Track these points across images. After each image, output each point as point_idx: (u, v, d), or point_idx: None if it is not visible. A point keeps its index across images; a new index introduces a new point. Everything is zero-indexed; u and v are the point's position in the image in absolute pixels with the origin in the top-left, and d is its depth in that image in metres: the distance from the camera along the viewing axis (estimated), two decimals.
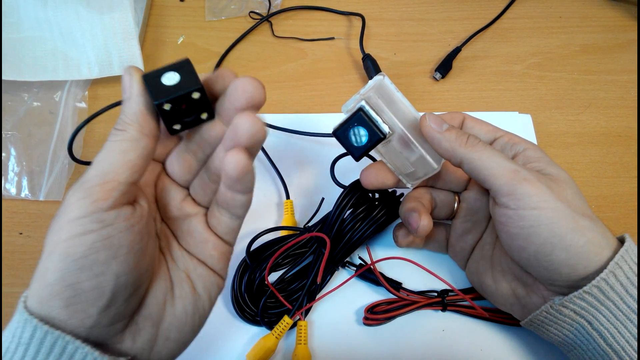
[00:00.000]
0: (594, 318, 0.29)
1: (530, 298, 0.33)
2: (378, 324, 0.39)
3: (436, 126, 0.32)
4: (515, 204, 0.29)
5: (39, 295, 0.24)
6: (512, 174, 0.30)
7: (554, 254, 0.29)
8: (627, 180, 0.48)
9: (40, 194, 0.46)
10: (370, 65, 0.53)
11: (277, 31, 0.58)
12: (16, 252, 0.44)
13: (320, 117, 0.51)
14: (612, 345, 0.29)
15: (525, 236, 0.30)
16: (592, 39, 0.57)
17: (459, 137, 0.32)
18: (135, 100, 0.25)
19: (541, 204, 0.29)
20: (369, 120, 0.32)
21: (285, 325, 0.38)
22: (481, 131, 0.35)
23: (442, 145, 0.32)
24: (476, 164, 0.31)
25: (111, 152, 0.25)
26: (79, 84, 0.52)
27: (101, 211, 0.23)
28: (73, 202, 0.24)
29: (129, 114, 0.25)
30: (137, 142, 0.25)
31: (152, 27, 0.59)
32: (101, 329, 0.24)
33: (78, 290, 0.23)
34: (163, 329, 0.27)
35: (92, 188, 0.24)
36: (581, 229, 0.29)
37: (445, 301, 0.39)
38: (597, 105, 0.52)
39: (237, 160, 0.24)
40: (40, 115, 0.50)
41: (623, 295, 0.29)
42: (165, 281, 0.28)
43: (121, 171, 0.24)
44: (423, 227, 0.34)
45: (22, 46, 0.51)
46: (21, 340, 0.23)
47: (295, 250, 0.41)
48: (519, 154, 0.33)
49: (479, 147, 0.31)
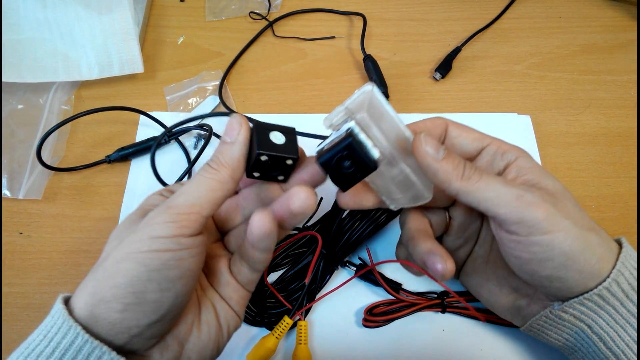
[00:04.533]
0: (593, 322, 0.29)
1: (531, 308, 0.33)
2: (377, 326, 0.39)
3: (433, 153, 0.28)
4: (526, 231, 0.28)
5: (100, 294, 0.25)
6: (516, 201, 0.28)
7: (568, 275, 0.28)
8: (627, 180, 0.48)
9: (19, 193, 0.46)
10: (371, 66, 0.53)
11: (277, 31, 0.58)
12: (16, 252, 0.44)
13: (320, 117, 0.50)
14: (612, 349, 0.29)
15: (538, 261, 0.28)
16: (592, 39, 0.57)
17: (455, 168, 0.29)
18: (237, 148, 0.28)
19: (552, 227, 0.27)
20: (359, 149, 0.27)
21: (285, 325, 0.38)
22: (467, 140, 0.32)
23: (438, 177, 0.29)
24: (475, 195, 0.29)
25: (201, 187, 0.27)
26: (65, 87, 0.52)
27: (183, 236, 0.26)
28: (159, 223, 0.26)
29: (227, 157, 0.28)
30: (225, 185, 0.27)
31: (152, 27, 0.59)
32: (141, 340, 0.26)
33: (141, 299, 0.25)
34: (187, 349, 0.29)
35: (179, 215, 0.26)
36: (592, 246, 0.28)
37: (445, 303, 0.39)
38: (597, 105, 0.52)
39: (263, 222, 0.27)
40: (24, 116, 0.50)
41: (623, 300, 0.28)
42: (195, 306, 0.30)
43: (206, 206, 0.27)
44: (450, 273, 0.31)
45: (22, 47, 0.51)
46: (60, 346, 0.25)
47: (295, 250, 0.41)
48: (510, 164, 0.31)
49: (476, 178, 0.29)
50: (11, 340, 0.40)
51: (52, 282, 0.42)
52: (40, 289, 0.42)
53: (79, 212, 0.46)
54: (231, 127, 0.28)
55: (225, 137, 0.28)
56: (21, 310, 0.41)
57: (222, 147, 0.28)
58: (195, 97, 0.53)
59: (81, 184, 0.47)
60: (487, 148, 0.32)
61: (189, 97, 0.53)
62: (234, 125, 0.28)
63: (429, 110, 0.52)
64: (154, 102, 0.53)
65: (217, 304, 0.30)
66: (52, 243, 0.44)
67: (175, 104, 0.52)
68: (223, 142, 0.28)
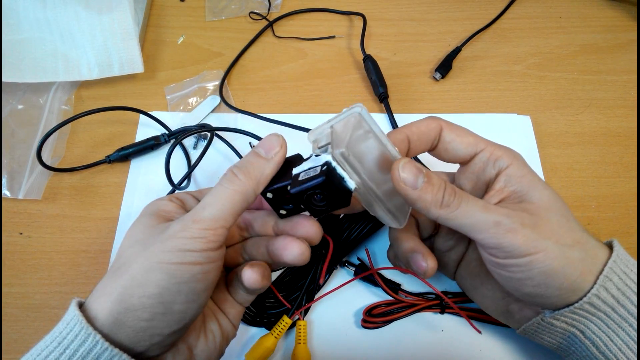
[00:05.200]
0: (585, 327, 0.29)
1: (524, 313, 0.33)
2: (376, 327, 0.39)
3: (411, 182, 0.28)
4: (504, 255, 0.28)
5: (127, 302, 0.26)
6: (494, 228, 0.28)
7: (548, 292, 0.29)
8: (627, 180, 0.47)
9: (19, 193, 0.46)
10: (371, 66, 0.53)
11: (277, 31, 0.58)
12: (16, 252, 0.44)
13: (320, 118, 0.51)
14: (604, 353, 0.29)
15: (517, 280, 0.29)
16: (592, 39, 0.57)
17: (434, 197, 0.28)
18: (271, 166, 0.28)
19: (530, 250, 0.28)
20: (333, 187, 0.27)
21: (284, 325, 0.38)
22: (461, 145, 0.32)
23: (417, 205, 0.29)
24: (454, 222, 0.29)
25: (226, 199, 0.27)
26: (65, 87, 0.52)
27: (210, 250, 0.27)
28: (187, 237, 0.26)
29: (257, 171, 0.28)
30: (248, 197, 0.28)
31: (152, 27, 0.59)
32: (159, 347, 0.27)
33: (168, 310, 0.26)
34: (195, 353, 0.30)
35: (207, 231, 0.26)
36: (573, 263, 0.28)
37: (444, 303, 0.39)
38: (597, 105, 0.52)
39: (255, 279, 0.29)
40: (24, 116, 0.50)
41: (615, 306, 0.28)
42: (201, 314, 0.31)
43: (230, 219, 0.27)
44: (432, 270, 0.32)
45: (22, 47, 0.51)
46: (77, 354, 0.25)
47: None
48: (501, 171, 0.31)
49: (454, 206, 0.28)
50: (11, 340, 0.40)
51: (52, 282, 0.42)
52: (40, 289, 0.42)
53: (79, 212, 0.46)
54: (270, 143, 0.29)
55: (261, 150, 0.29)
56: (21, 311, 0.41)
57: (255, 160, 0.28)
58: (196, 97, 0.53)
59: (81, 184, 0.47)
60: (480, 154, 0.32)
61: (189, 96, 0.53)
62: (273, 143, 0.28)
63: (428, 110, 0.52)
64: (154, 102, 0.53)
65: (218, 316, 0.32)
66: (52, 243, 0.44)
67: (176, 104, 0.52)
68: (257, 155, 0.28)
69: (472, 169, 0.32)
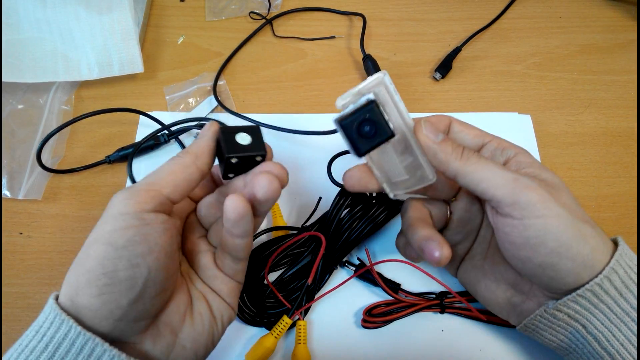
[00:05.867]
0: (588, 322, 0.29)
1: (527, 305, 0.33)
2: (376, 327, 0.39)
3: (432, 135, 0.30)
4: (520, 214, 0.28)
5: (76, 283, 0.26)
6: (512, 182, 0.29)
7: (561, 263, 0.28)
8: (627, 180, 0.47)
9: (19, 193, 0.46)
10: (371, 65, 0.53)
11: (277, 31, 0.58)
12: (16, 252, 0.44)
13: (320, 117, 0.51)
14: (606, 349, 0.29)
15: (531, 246, 0.29)
16: (592, 39, 0.57)
17: (454, 149, 0.30)
18: (203, 140, 0.30)
19: (545, 211, 0.28)
20: (379, 115, 0.29)
21: (284, 325, 0.38)
22: (469, 135, 0.34)
23: (438, 157, 0.30)
24: (473, 176, 0.29)
25: (163, 169, 0.29)
26: (65, 87, 0.52)
27: (143, 211, 0.27)
28: (120, 201, 0.27)
29: (192, 147, 0.30)
30: (187, 168, 0.29)
31: (152, 27, 0.59)
32: (127, 323, 0.26)
33: (114, 279, 0.25)
34: (181, 337, 0.29)
35: (138, 192, 0.27)
36: (585, 236, 0.28)
37: (444, 303, 0.39)
38: (597, 105, 0.52)
39: (236, 205, 0.28)
40: (24, 116, 0.50)
41: (617, 299, 0.28)
42: (186, 296, 0.31)
43: (165, 185, 0.28)
44: (446, 259, 0.31)
45: (22, 47, 0.51)
46: (53, 340, 0.25)
47: (294, 250, 0.41)
48: (510, 159, 0.32)
49: (474, 160, 0.30)
50: (11, 340, 0.40)
51: (52, 282, 0.42)
52: (40, 289, 0.42)
53: (79, 213, 0.46)
54: (203, 129, 0.31)
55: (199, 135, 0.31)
56: (21, 311, 0.41)
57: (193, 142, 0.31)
58: (196, 97, 0.53)
59: (81, 184, 0.47)
60: (487, 144, 0.33)
61: (189, 96, 0.53)
62: (205, 127, 0.31)
63: (429, 110, 0.52)
64: (154, 102, 0.53)
65: (208, 296, 0.31)
66: (52, 243, 0.44)
67: (175, 104, 0.52)
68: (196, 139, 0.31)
69: None
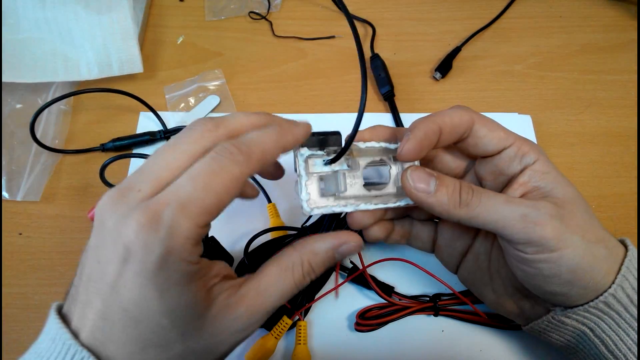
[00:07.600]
0: (596, 326, 0.29)
1: (535, 310, 0.32)
2: (369, 330, 0.39)
3: (424, 188, 0.28)
4: (534, 250, 0.27)
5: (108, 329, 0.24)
6: (521, 222, 0.27)
7: (572, 292, 0.28)
8: (627, 180, 0.47)
9: (17, 195, 0.46)
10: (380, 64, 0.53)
11: (277, 31, 0.58)
12: (16, 252, 0.44)
13: (320, 117, 0.51)
14: (614, 352, 0.28)
15: (544, 277, 0.28)
16: (592, 39, 0.57)
17: (451, 197, 0.28)
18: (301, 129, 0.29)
19: (559, 244, 0.27)
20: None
21: (284, 325, 0.37)
22: (493, 141, 0.31)
23: (436, 210, 0.28)
24: (478, 220, 0.28)
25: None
26: (64, 87, 0.52)
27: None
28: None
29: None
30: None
31: (151, 27, 0.59)
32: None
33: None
34: None
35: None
36: (598, 261, 0.28)
37: (438, 306, 0.39)
38: (597, 105, 0.52)
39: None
40: (23, 117, 0.50)
41: (627, 305, 0.28)
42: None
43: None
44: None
45: (22, 47, 0.51)
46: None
47: None
48: (527, 167, 0.30)
49: (475, 203, 0.28)
50: (11, 340, 0.40)
51: (51, 283, 0.42)
52: (40, 290, 0.42)
53: (79, 213, 0.46)
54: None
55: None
56: (21, 311, 0.41)
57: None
58: (196, 96, 0.53)
59: (80, 184, 0.47)
60: (507, 150, 0.31)
61: (189, 96, 0.53)
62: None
63: (429, 110, 0.52)
64: (154, 102, 0.52)
65: None
66: (52, 244, 0.44)
67: (175, 103, 0.52)
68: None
69: (497, 162, 0.31)
